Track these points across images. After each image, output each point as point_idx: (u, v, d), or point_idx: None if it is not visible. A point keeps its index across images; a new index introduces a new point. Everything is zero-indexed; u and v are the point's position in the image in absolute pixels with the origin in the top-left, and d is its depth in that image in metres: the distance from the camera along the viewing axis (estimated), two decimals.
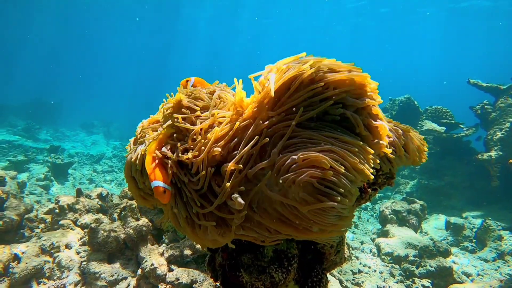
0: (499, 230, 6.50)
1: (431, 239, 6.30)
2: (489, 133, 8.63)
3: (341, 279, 4.65)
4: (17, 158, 10.01)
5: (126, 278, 3.51)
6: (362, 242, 6.38)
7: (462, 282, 4.90)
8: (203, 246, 1.51)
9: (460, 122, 9.69)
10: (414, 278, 4.88)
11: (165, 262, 3.58)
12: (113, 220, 4.15)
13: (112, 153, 15.14)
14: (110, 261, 3.68)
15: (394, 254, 5.51)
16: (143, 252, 3.62)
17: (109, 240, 3.64)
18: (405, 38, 41.19)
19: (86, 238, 3.81)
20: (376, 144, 1.32)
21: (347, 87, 1.27)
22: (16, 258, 3.67)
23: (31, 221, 4.89)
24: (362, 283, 4.72)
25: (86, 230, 4.27)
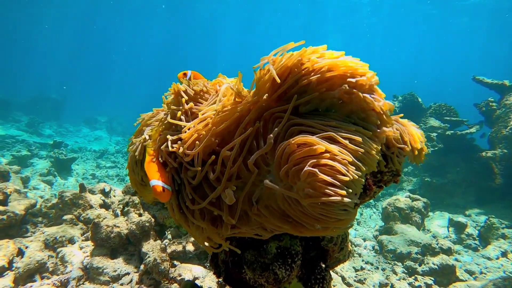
0: (503, 228, 6.47)
1: (434, 237, 6.29)
2: (493, 130, 8.56)
3: (343, 276, 4.65)
4: (20, 153, 10.06)
5: (128, 274, 3.52)
6: (364, 239, 6.37)
7: (465, 280, 4.88)
8: (201, 244, 1.49)
9: (464, 119, 9.62)
10: (416, 275, 4.87)
11: (167, 258, 3.58)
12: (116, 215, 4.16)
13: (115, 148, 15.19)
14: (113, 256, 3.69)
15: (396, 252, 5.49)
16: (146, 247, 3.63)
17: (112, 235, 3.65)
18: (406, 36, 40.95)
19: (89, 233, 3.83)
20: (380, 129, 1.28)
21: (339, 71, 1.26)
22: (20, 253, 3.69)
23: (35, 216, 4.91)
24: (364, 280, 4.72)
25: (89, 225, 4.28)
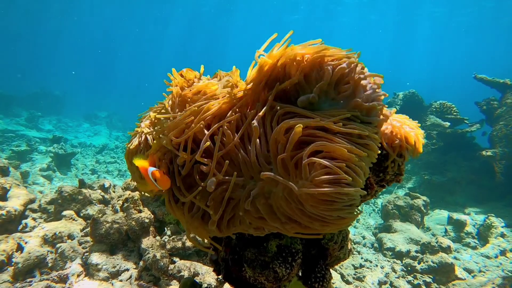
0: (502, 227, 6.48)
1: (433, 235, 6.29)
2: (494, 129, 8.55)
3: (342, 274, 4.66)
4: (20, 148, 10.04)
5: (128, 270, 3.52)
6: (363, 237, 6.37)
7: (464, 279, 4.89)
8: (189, 233, 1.47)
9: (465, 118, 9.60)
10: (415, 273, 4.88)
11: (167, 254, 3.58)
12: (115, 211, 4.15)
13: (114, 144, 15.17)
14: (112, 252, 3.69)
15: (396, 249, 5.50)
16: (145, 244, 3.63)
17: (111, 231, 3.65)
18: (408, 33, 40.81)
19: (89, 229, 3.82)
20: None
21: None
22: (19, 248, 3.68)
23: (34, 211, 4.90)
24: (363, 278, 4.73)
25: (88, 221, 4.28)
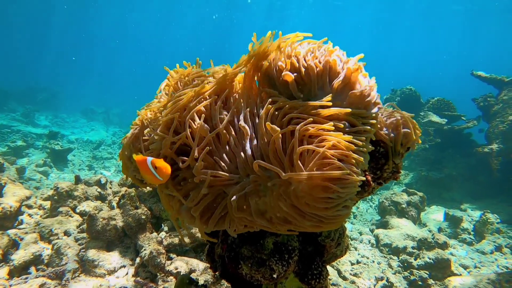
0: (498, 223, 6.51)
1: (430, 231, 6.32)
2: (491, 125, 8.57)
3: (339, 270, 4.67)
4: (16, 144, 9.96)
5: (124, 266, 3.51)
6: (360, 233, 6.39)
7: (459, 274, 4.92)
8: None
9: (462, 114, 9.62)
10: (412, 269, 4.89)
11: (163, 251, 3.57)
12: (111, 208, 4.14)
13: (111, 139, 15.09)
14: (109, 249, 3.68)
15: (392, 246, 5.52)
16: (142, 240, 3.62)
17: (107, 228, 3.63)
18: (407, 28, 40.73)
19: (85, 226, 3.80)
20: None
21: None
22: (14, 245, 3.66)
23: (30, 207, 4.88)
24: (360, 274, 4.74)
25: (85, 218, 4.26)
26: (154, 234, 3.90)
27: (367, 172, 1.47)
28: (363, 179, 1.07)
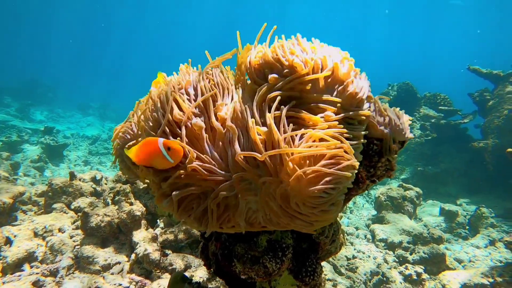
0: (492, 217, 6.56)
1: (425, 226, 6.35)
2: (486, 120, 8.60)
3: (335, 265, 4.68)
4: (10, 139, 9.88)
5: (119, 263, 3.50)
6: (357, 228, 6.42)
7: (454, 269, 4.96)
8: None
9: (458, 109, 9.65)
10: (407, 264, 4.92)
11: (158, 247, 3.56)
12: (106, 204, 4.11)
13: (107, 135, 15.02)
14: (104, 245, 3.66)
15: (388, 240, 5.55)
16: (137, 237, 3.60)
17: (102, 224, 3.61)
18: (405, 23, 40.67)
19: (79, 222, 3.78)
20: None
21: None
22: (8, 242, 3.63)
23: (24, 203, 4.84)
24: (356, 269, 4.76)
25: (79, 214, 4.23)
26: (150, 230, 3.88)
27: (361, 169, 1.45)
28: (356, 165, 1.06)
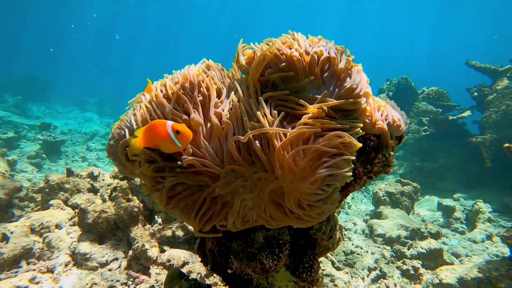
0: (489, 212, 6.57)
1: (423, 221, 6.37)
2: (484, 115, 8.60)
3: (333, 260, 4.69)
4: (7, 135, 9.82)
5: (117, 259, 3.49)
6: (355, 223, 6.43)
7: (451, 263, 4.97)
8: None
9: (456, 104, 9.63)
10: (405, 259, 4.94)
11: (156, 243, 3.55)
12: (104, 200, 4.09)
13: (105, 130, 14.96)
14: (101, 241, 3.65)
15: (386, 236, 5.56)
16: (134, 233, 3.59)
17: (99, 221, 3.60)
18: (403, 18, 40.54)
19: (76, 219, 3.77)
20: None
21: None
22: (4, 238, 3.62)
23: (21, 200, 4.81)
24: (354, 264, 4.77)
25: (76, 210, 4.21)
26: (147, 227, 3.87)
27: (358, 165, 1.44)
28: (353, 156, 1.05)
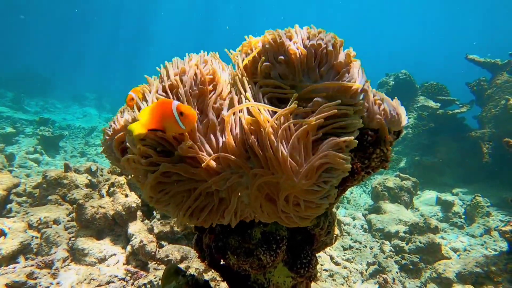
0: (488, 206, 6.58)
1: (422, 216, 6.38)
2: (483, 110, 8.58)
3: (331, 255, 4.70)
4: (5, 130, 9.78)
5: (115, 255, 3.49)
6: (354, 218, 6.43)
7: (449, 258, 4.98)
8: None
9: (455, 99, 9.61)
10: (403, 254, 4.94)
11: (154, 239, 3.55)
12: (101, 196, 4.08)
13: (104, 125, 14.91)
14: (99, 237, 3.64)
15: (385, 230, 5.57)
16: (132, 228, 3.58)
17: (97, 216, 3.59)
18: (402, 13, 40.34)
19: (74, 214, 3.75)
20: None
21: None
22: (2, 234, 3.61)
23: (19, 195, 4.80)
24: (352, 259, 4.78)
25: (74, 206, 4.20)
26: (145, 222, 3.86)
27: (356, 160, 1.43)
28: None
